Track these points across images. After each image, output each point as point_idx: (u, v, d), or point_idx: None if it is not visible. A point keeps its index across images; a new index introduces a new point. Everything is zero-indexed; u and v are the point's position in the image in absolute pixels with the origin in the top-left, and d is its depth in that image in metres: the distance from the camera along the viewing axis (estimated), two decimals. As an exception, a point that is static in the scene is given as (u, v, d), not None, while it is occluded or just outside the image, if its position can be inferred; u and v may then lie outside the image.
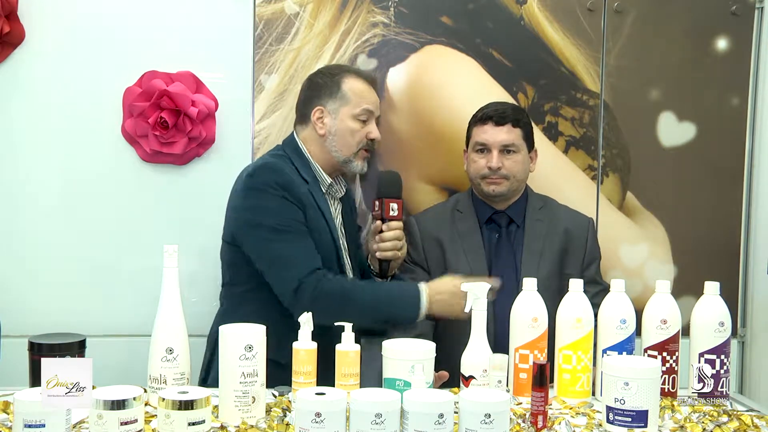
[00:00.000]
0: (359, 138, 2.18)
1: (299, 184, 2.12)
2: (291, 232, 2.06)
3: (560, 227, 2.35)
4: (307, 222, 2.09)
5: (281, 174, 2.10)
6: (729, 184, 2.79)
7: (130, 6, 2.49)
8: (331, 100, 2.19)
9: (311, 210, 2.11)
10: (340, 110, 2.18)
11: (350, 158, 2.19)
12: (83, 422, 1.57)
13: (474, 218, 2.36)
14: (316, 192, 2.16)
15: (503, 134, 2.29)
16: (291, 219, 2.07)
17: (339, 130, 2.18)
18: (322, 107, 2.19)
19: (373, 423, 1.43)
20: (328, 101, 2.19)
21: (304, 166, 2.18)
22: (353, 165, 2.20)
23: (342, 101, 2.18)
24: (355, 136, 2.18)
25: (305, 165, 2.19)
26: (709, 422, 1.69)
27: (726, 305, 1.90)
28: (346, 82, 2.19)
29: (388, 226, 2.17)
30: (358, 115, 2.18)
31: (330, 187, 2.22)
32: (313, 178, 2.18)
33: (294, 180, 2.11)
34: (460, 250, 2.31)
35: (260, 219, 2.07)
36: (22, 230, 2.48)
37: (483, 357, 1.76)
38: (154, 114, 2.43)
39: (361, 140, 2.19)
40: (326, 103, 2.19)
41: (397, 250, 2.19)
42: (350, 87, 2.19)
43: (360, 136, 2.18)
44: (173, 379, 1.70)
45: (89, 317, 2.45)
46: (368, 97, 2.20)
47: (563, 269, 2.29)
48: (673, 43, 2.73)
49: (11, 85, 2.44)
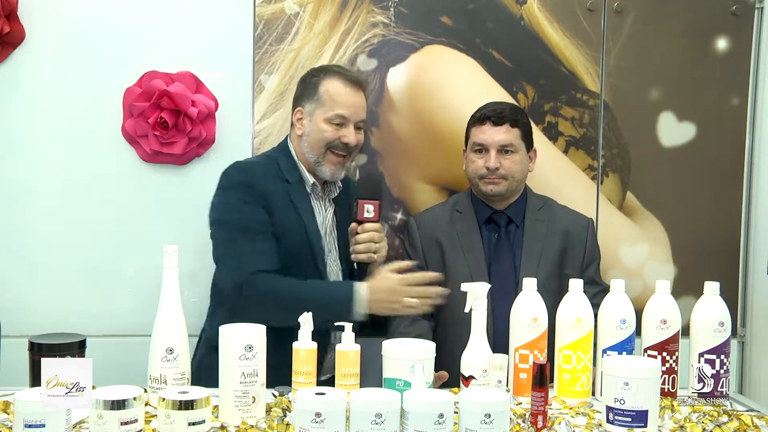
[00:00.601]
0: (327, 141, 2.16)
1: (271, 185, 2.13)
2: (246, 232, 2.08)
3: (560, 227, 2.35)
4: (274, 222, 2.10)
5: (248, 173, 2.14)
6: (729, 184, 2.79)
7: (130, 6, 2.49)
8: (309, 102, 2.20)
9: (283, 211, 2.12)
10: (315, 112, 2.18)
11: (319, 160, 2.18)
12: (83, 422, 1.57)
13: (473, 218, 2.36)
14: (297, 192, 2.17)
15: (501, 134, 2.29)
16: (248, 219, 2.09)
17: (311, 132, 2.18)
18: (302, 108, 2.21)
19: (373, 423, 1.43)
20: (307, 103, 2.20)
21: (289, 166, 2.20)
22: (322, 169, 2.18)
23: (317, 103, 2.18)
24: (325, 136, 2.16)
25: (291, 165, 2.20)
26: (709, 422, 1.69)
27: (726, 305, 1.90)
28: (324, 84, 2.18)
29: (362, 228, 2.15)
30: (330, 119, 2.16)
31: (314, 187, 2.21)
32: (298, 178, 2.19)
33: (262, 180, 2.12)
34: (459, 250, 2.31)
35: (217, 215, 2.14)
36: (22, 230, 2.48)
37: (483, 357, 1.76)
38: (154, 114, 2.43)
39: (329, 144, 2.16)
40: (305, 105, 2.21)
41: (372, 253, 2.16)
42: (327, 89, 2.17)
43: (328, 139, 2.16)
44: (173, 379, 1.70)
45: (89, 317, 2.45)
46: (344, 101, 2.17)
47: (562, 269, 2.29)
48: (673, 43, 2.73)
49: (11, 85, 2.45)
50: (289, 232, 2.12)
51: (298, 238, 2.13)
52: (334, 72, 2.22)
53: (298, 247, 2.13)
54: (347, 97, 2.18)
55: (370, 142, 2.60)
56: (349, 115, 2.17)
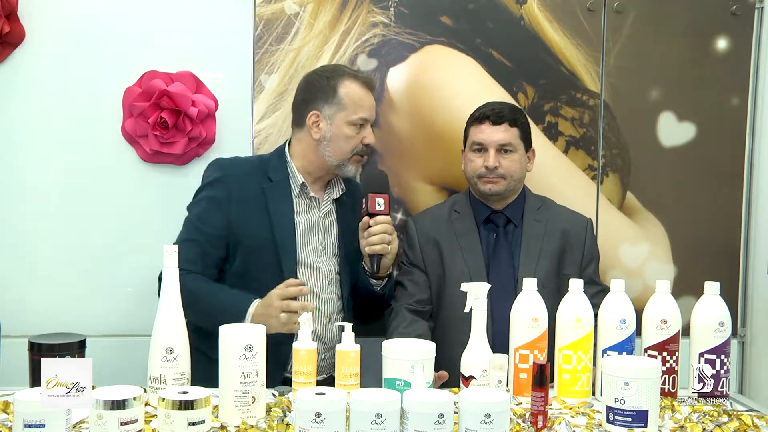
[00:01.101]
0: (354, 144, 2.18)
1: (246, 182, 2.16)
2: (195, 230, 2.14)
3: (558, 227, 2.34)
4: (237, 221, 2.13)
5: (223, 169, 2.19)
6: (729, 184, 2.79)
7: (130, 6, 2.49)
8: (327, 105, 2.17)
9: (251, 209, 2.14)
10: (335, 116, 2.17)
11: (344, 163, 2.19)
12: (83, 422, 1.57)
13: (471, 218, 2.36)
14: (276, 192, 2.17)
15: (500, 133, 2.29)
16: (203, 218, 2.14)
17: (334, 136, 2.17)
18: (318, 112, 2.18)
19: (373, 423, 1.43)
20: (324, 106, 2.18)
21: (278, 165, 2.20)
22: (347, 169, 2.20)
23: (338, 107, 2.16)
24: (350, 142, 2.17)
25: (281, 165, 2.21)
26: (709, 422, 1.69)
27: (726, 305, 1.90)
28: (343, 87, 2.17)
29: (375, 220, 2.15)
30: (354, 122, 2.17)
31: (303, 187, 2.20)
32: (283, 178, 2.19)
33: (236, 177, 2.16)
34: (458, 250, 2.31)
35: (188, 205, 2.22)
36: (22, 230, 2.48)
37: (483, 357, 1.76)
38: (154, 114, 2.43)
39: (356, 146, 2.18)
40: (322, 108, 2.18)
41: (386, 244, 2.15)
42: (347, 92, 2.17)
43: (355, 142, 2.18)
44: (173, 379, 1.69)
45: (89, 317, 2.45)
46: (365, 104, 2.19)
47: (561, 269, 2.29)
48: (673, 43, 2.73)
49: (11, 85, 2.45)
50: (255, 230, 2.14)
51: (262, 238, 2.14)
52: (348, 74, 2.21)
53: (262, 246, 2.14)
54: (366, 100, 2.19)
55: (370, 142, 2.60)
56: (369, 117, 2.20)
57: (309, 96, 2.21)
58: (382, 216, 2.15)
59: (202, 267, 2.12)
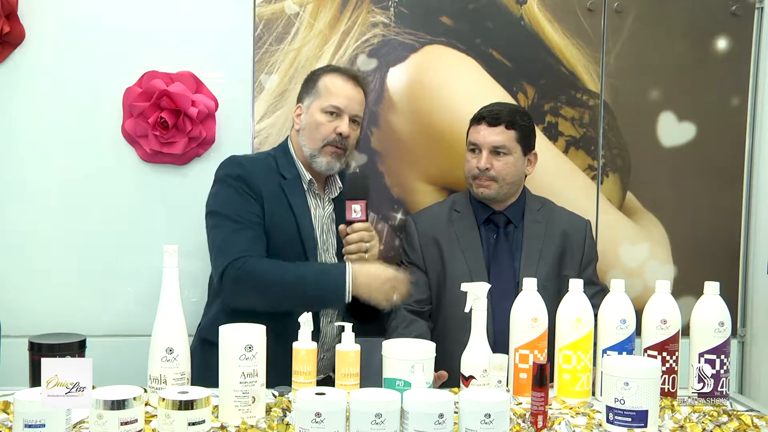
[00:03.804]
0: (325, 132, 2.17)
1: (266, 179, 2.15)
2: (237, 222, 2.09)
3: (558, 229, 2.35)
4: (265, 215, 2.12)
5: (242, 167, 2.16)
6: (729, 184, 2.79)
7: (130, 6, 2.49)
8: (308, 97, 2.23)
9: (276, 205, 2.14)
10: (311, 105, 2.20)
11: (315, 153, 2.18)
12: (83, 422, 1.57)
13: (472, 218, 2.36)
14: (292, 188, 2.18)
15: (494, 135, 2.28)
16: (240, 209, 2.11)
17: (307, 125, 2.20)
18: (301, 104, 2.24)
19: (373, 423, 1.43)
20: (305, 98, 2.23)
21: (287, 163, 2.21)
22: (318, 161, 2.18)
23: (314, 96, 2.21)
24: (321, 130, 2.17)
25: (289, 162, 2.22)
26: (709, 422, 1.69)
27: (726, 305, 1.90)
28: (323, 79, 2.21)
29: (351, 228, 2.15)
30: (325, 109, 2.18)
31: (311, 184, 2.21)
32: (295, 175, 2.20)
33: (256, 174, 2.14)
34: (458, 249, 2.31)
35: (212, 207, 2.16)
36: (22, 230, 2.48)
37: (483, 357, 1.76)
38: (154, 114, 2.43)
39: (327, 135, 2.17)
40: (304, 100, 2.23)
41: (363, 252, 2.15)
42: (325, 83, 2.20)
43: (326, 130, 2.17)
44: (173, 379, 1.69)
45: (89, 317, 2.45)
46: (341, 92, 2.19)
47: (561, 271, 2.29)
48: (673, 43, 2.73)
49: (11, 85, 2.45)
50: (280, 227, 2.13)
51: (289, 233, 2.14)
52: (333, 69, 2.26)
53: (288, 242, 2.14)
54: (343, 90, 2.19)
55: (370, 142, 2.60)
56: (344, 106, 2.18)
57: (299, 93, 2.28)
58: (359, 223, 2.15)
59: (259, 252, 2.09)
